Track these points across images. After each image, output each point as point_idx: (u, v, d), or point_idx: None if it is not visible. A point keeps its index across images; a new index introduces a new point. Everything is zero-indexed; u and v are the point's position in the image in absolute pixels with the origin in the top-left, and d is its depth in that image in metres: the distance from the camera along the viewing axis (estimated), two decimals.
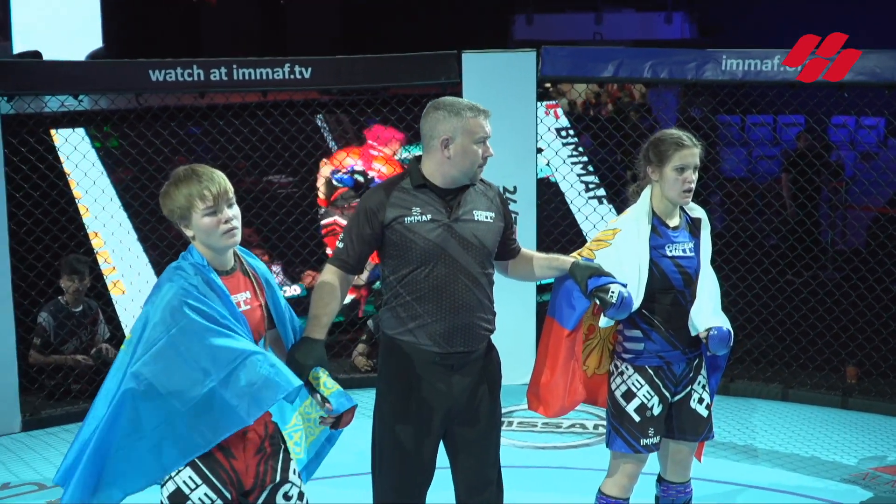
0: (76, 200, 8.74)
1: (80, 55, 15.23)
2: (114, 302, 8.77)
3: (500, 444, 4.67)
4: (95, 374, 8.12)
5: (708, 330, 4.62)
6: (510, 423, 7.48)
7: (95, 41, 16.39)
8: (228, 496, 3.86)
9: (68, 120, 8.64)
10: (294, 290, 9.59)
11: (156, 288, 3.84)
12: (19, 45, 14.72)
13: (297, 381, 3.81)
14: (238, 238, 3.90)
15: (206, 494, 3.82)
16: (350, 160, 9.99)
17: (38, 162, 8.16)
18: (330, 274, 4.42)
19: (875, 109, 8.57)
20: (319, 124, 10.11)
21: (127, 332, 8.46)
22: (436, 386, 4.43)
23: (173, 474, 3.79)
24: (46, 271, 8.11)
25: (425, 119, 4.47)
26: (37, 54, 12.56)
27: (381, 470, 4.53)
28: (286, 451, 4.07)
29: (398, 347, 4.45)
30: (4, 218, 7.50)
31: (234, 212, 3.88)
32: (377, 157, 10.18)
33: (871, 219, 12.11)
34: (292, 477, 4.02)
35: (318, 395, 3.93)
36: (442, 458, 4.55)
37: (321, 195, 10.00)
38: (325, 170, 10.01)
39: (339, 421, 3.98)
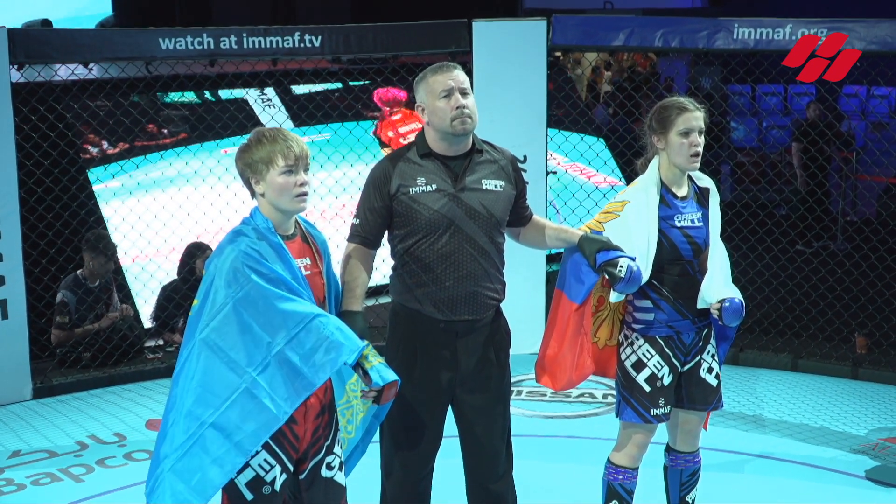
0: None
1: (90, 23, 15.18)
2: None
3: (510, 413, 4.68)
4: (106, 341, 8.16)
5: (721, 302, 4.60)
6: (519, 393, 7.50)
7: (105, 9, 16.32)
8: (287, 462, 3.88)
9: (78, 88, 8.64)
10: None
11: (217, 251, 3.84)
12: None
13: (362, 343, 3.81)
14: (306, 205, 3.89)
15: (265, 461, 3.83)
16: None
17: (49, 130, 8.17)
18: (351, 250, 4.43)
19: (887, 79, 8.52)
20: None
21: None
22: (440, 353, 4.44)
23: None
24: (57, 239, 8.11)
25: None
26: (47, 23, 12.53)
27: (388, 436, 4.55)
28: (337, 422, 4.10)
29: (404, 314, 4.48)
30: (15, 186, 7.49)
31: (309, 178, 3.89)
32: None
33: (882, 189, 12.11)
34: (336, 448, 4.06)
35: (360, 369, 3.88)
36: (452, 426, 4.56)
37: None
38: None
39: (380, 396, 3.91)
